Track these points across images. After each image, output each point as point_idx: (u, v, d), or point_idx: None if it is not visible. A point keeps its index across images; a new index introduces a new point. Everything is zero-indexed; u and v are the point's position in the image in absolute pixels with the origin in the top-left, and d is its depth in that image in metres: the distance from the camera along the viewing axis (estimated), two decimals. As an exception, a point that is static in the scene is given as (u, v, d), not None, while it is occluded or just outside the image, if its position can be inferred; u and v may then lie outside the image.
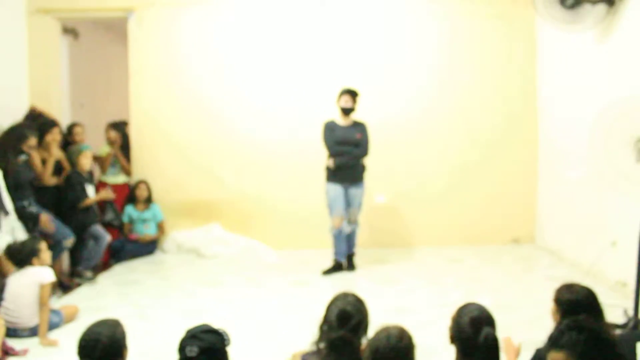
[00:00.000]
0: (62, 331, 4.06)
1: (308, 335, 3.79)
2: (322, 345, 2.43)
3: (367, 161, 5.60)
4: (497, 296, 4.70)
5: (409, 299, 4.74)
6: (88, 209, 5.47)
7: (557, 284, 4.94)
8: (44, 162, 5.21)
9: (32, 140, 4.94)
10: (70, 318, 4.24)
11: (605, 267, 4.99)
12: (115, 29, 7.49)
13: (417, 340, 2.31)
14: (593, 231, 5.30)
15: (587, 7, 4.88)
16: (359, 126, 5.54)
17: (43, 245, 4.12)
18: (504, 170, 6.63)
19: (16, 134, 4.79)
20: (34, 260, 4.02)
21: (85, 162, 5.52)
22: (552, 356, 2.00)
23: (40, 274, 3.97)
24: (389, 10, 6.53)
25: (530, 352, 2.73)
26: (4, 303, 3.87)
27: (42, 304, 3.91)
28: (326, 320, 2.51)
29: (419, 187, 6.60)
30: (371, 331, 2.47)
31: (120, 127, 6.56)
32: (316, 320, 2.64)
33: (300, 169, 6.38)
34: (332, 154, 5.42)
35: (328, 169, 5.48)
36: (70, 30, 6.95)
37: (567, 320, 2.10)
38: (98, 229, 5.36)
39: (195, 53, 6.52)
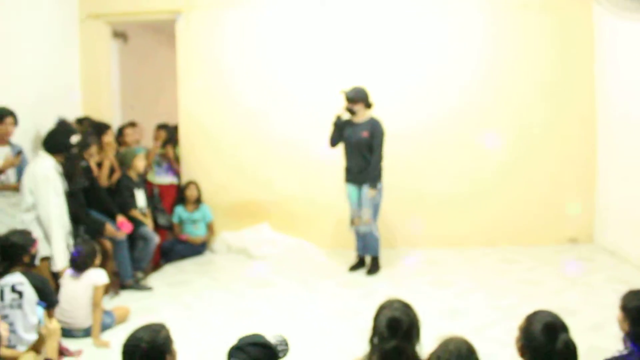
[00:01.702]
0: (114, 332, 4.10)
1: (358, 341, 3.75)
2: (375, 358, 2.33)
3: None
4: (556, 300, 4.51)
5: (463, 302, 4.58)
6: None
7: (620, 287, 4.76)
8: (98, 164, 5.30)
9: (93, 148, 5.11)
10: (122, 319, 4.29)
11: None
12: (163, 32, 7.57)
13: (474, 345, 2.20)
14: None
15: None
16: (369, 123, 5.39)
17: (97, 249, 4.20)
18: (558, 166, 6.36)
19: (80, 142, 4.85)
20: (95, 260, 4.12)
21: (141, 165, 5.58)
22: None
23: (94, 276, 4.05)
24: (439, 4, 6.37)
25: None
26: (60, 304, 3.93)
27: (95, 305, 3.98)
28: (375, 331, 2.39)
29: (470, 186, 6.40)
30: (427, 338, 2.37)
31: (168, 128, 6.62)
32: (366, 331, 2.53)
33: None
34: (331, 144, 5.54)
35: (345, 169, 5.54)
36: (120, 34, 7.07)
37: None
38: (147, 230, 5.40)
39: (238, 54, 6.51)
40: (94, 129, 5.32)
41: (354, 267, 5.60)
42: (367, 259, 5.61)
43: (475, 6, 6.33)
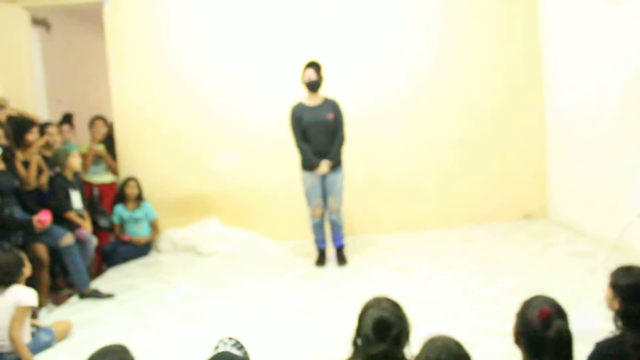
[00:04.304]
0: (56, 352, 3.66)
1: (326, 340, 3.50)
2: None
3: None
4: (523, 278, 4.40)
5: (429, 288, 4.39)
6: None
7: (582, 261, 4.72)
8: (25, 164, 4.80)
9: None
10: (63, 335, 3.83)
11: (635, 240, 4.67)
12: (90, 18, 7.00)
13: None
14: (614, 202, 4.98)
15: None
16: (330, 104, 5.05)
17: (24, 259, 3.68)
18: (509, 143, 6.30)
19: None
20: (24, 271, 3.61)
21: (75, 163, 5.09)
22: None
23: (20, 295, 3.48)
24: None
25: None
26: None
27: (13, 327, 3.39)
28: (360, 333, 2.09)
29: (421, 167, 6.26)
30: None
31: (106, 120, 6.14)
32: (333, 324, 2.25)
33: (296, 156, 5.97)
34: (300, 149, 5.04)
35: (301, 156, 5.08)
36: (41, 22, 6.48)
37: None
38: (83, 232, 4.93)
39: (180, 38, 6.08)
40: (16, 126, 4.78)
41: (320, 262, 5.23)
42: (330, 250, 5.33)
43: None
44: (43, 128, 5.25)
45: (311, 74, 4.99)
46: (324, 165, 4.97)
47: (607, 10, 4.89)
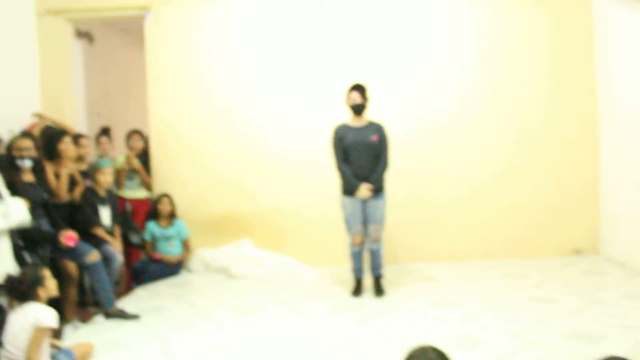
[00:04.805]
0: (75, 376, 3.50)
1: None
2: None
3: (395, 167, 4.96)
4: (576, 322, 4.04)
5: (474, 327, 4.06)
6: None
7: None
8: (57, 176, 4.70)
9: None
10: (84, 358, 3.64)
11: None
12: (132, 32, 6.98)
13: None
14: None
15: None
16: (375, 127, 4.84)
17: (47, 273, 3.52)
18: (560, 172, 5.96)
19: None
20: (39, 290, 3.43)
21: (104, 180, 4.96)
22: None
23: (39, 314, 3.30)
24: (431, 3, 5.91)
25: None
26: (4, 344, 3.30)
27: (31, 349, 3.22)
28: None
29: (466, 193, 5.96)
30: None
31: (143, 136, 6.05)
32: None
33: (336, 180, 5.74)
34: (340, 170, 4.81)
35: (341, 178, 4.85)
36: (84, 34, 6.47)
37: None
38: (109, 248, 4.78)
39: (218, 55, 5.97)
40: (48, 137, 4.68)
41: (357, 292, 4.95)
42: (368, 279, 5.05)
43: (468, 3, 5.90)
44: (76, 139, 5.16)
45: (356, 97, 4.80)
46: (364, 189, 4.73)
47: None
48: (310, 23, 5.94)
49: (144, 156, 5.98)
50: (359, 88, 4.83)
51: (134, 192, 5.84)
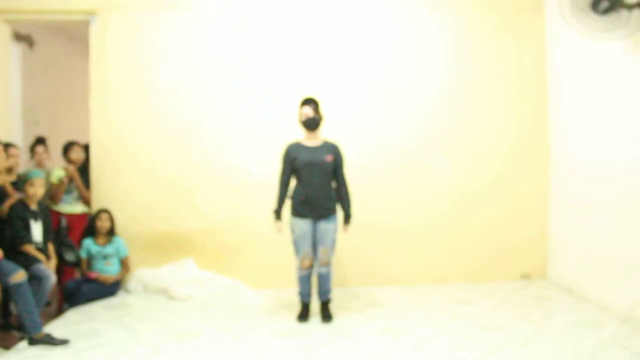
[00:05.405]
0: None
1: None
2: None
3: (350, 190, 4.80)
4: (528, 350, 3.96)
5: (425, 356, 3.92)
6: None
7: (590, 332, 4.31)
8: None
9: None
10: (2, 390, 3.34)
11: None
12: (78, 38, 6.67)
13: None
14: (625, 267, 4.61)
15: (622, 14, 4.25)
16: (329, 147, 4.64)
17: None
18: (512, 197, 5.99)
19: None
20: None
21: (32, 192, 4.61)
22: None
23: None
24: (386, 26, 5.85)
25: None
26: None
27: None
28: None
29: (419, 217, 5.90)
30: None
31: (83, 147, 5.73)
32: None
33: (287, 201, 5.58)
34: (279, 189, 4.65)
35: (293, 200, 4.65)
36: (24, 37, 6.12)
37: None
38: (40, 267, 4.40)
39: (168, 64, 5.73)
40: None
41: (303, 317, 4.72)
42: (315, 304, 4.88)
43: (434, 27, 5.89)
44: (5, 148, 4.79)
45: (308, 112, 4.60)
46: (277, 227, 4.69)
47: (622, 62, 4.62)
48: (266, 35, 5.79)
49: (84, 168, 5.66)
50: (311, 102, 4.62)
51: (70, 207, 5.50)
